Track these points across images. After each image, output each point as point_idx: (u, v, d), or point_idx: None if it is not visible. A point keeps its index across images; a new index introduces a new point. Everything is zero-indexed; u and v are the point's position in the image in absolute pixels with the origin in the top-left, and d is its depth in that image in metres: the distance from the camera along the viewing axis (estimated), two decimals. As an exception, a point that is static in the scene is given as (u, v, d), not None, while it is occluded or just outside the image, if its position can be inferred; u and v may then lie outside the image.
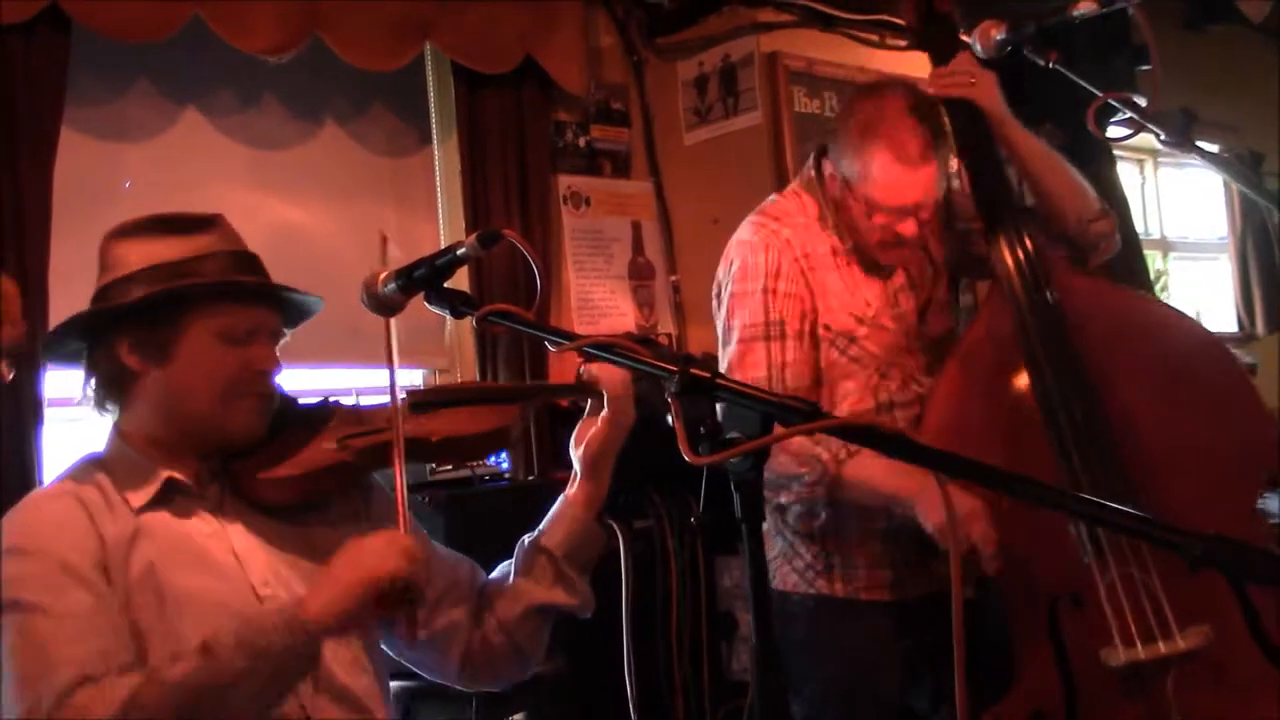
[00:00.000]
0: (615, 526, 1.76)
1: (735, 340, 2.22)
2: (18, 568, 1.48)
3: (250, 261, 1.67)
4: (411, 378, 3.55)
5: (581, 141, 3.75)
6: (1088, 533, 2.00)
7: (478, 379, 3.36)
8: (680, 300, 3.89)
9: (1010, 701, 2.05)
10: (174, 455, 1.61)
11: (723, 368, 2.28)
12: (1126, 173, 5.22)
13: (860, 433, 1.16)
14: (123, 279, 1.61)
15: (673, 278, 3.89)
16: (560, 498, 1.73)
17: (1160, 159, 5.54)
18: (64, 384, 2.76)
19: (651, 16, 3.85)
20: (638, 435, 1.70)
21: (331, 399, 1.76)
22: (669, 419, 1.17)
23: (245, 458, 1.63)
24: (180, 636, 1.49)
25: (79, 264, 2.80)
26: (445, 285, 1.48)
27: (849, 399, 2.23)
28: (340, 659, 1.59)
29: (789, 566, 2.30)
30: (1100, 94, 1.82)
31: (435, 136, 3.57)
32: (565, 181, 3.70)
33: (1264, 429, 2.10)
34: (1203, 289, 5.75)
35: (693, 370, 1.16)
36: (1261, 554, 1.05)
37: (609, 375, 1.66)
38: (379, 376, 3.34)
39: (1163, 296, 5.25)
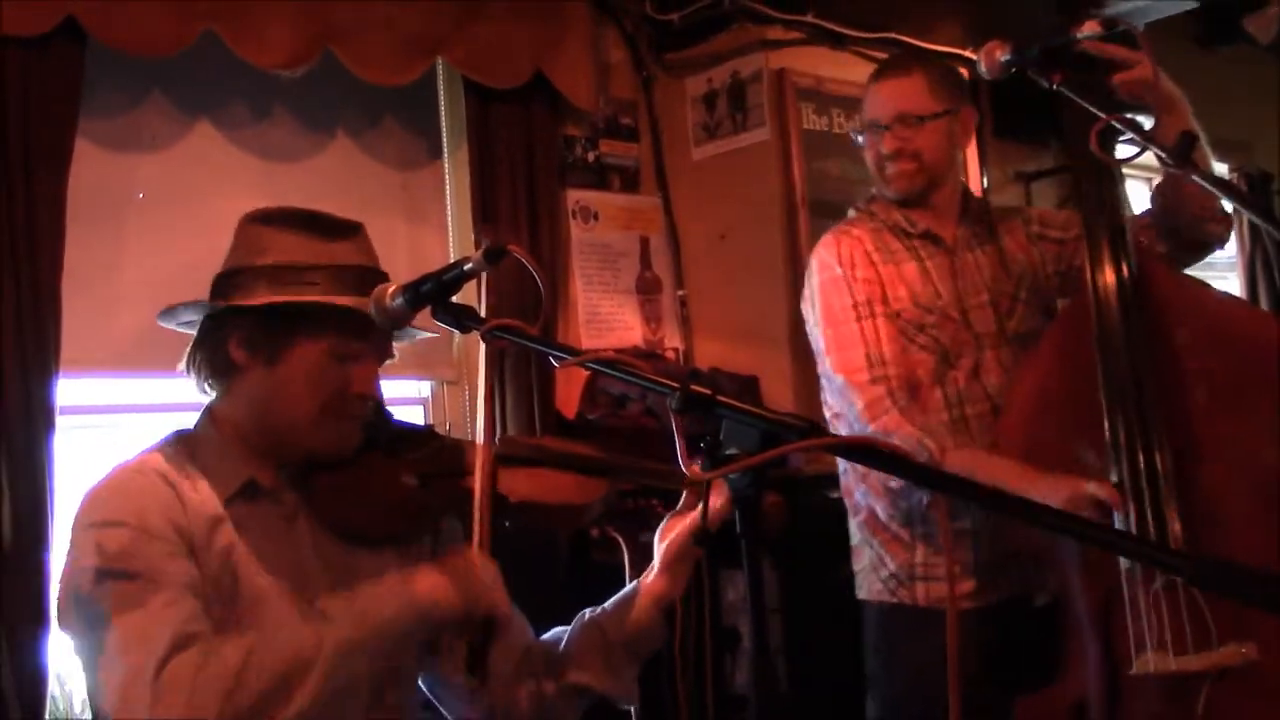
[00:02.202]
0: (619, 539, 1.77)
1: (828, 325, 2.32)
2: (121, 540, 1.46)
3: (378, 280, 1.62)
4: (419, 388, 3.56)
5: (590, 156, 3.77)
6: None
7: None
8: (687, 315, 3.90)
9: (1054, 692, 2.07)
10: (256, 455, 1.61)
11: (821, 367, 2.38)
12: (1135, 190, 5.21)
13: (859, 450, 1.17)
14: (250, 269, 1.59)
15: (680, 292, 3.90)
16: (633, 583, 1.72)
17: (1169, 177, 5.52)
18: (75, 391, 2.78)
19: (660, 33, 3.86)
20: (641, 446, 1.70)
21: (429, 425, 1.73)
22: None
23: (326, 474, 1.61)
24: (246, 633, 1.49)
25: (92, 272, 2.85)
26: (452, 299, 1.50)
27: (919, 389, 2.29)
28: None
29: (874, 576, 2.36)
30: (1103, 114, 1.83)
31: (445, 150, 3.59)
32: (574, 196, 3.72)
33: None
34: (1211, 307, 5.73)
35: (694, 387, 1.18)
36: (1261, 575, 1.06)
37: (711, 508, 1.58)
38: (390, 387, 3.39)
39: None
